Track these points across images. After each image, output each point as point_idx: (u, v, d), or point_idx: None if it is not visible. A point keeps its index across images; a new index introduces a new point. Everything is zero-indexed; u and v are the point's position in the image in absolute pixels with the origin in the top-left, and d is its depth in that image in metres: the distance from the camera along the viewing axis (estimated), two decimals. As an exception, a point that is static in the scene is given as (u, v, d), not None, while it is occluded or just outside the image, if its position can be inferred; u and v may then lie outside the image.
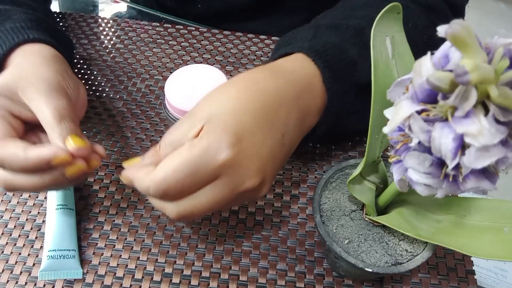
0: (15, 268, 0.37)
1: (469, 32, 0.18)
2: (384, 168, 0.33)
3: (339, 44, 0.36)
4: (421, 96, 0.20)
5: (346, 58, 0.36)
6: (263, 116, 0.30)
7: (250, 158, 0.28)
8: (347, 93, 0.36)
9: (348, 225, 0.33)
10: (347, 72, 0.36)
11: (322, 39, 0.37)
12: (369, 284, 0.37)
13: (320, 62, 0.35)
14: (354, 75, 0.36)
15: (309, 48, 0.35)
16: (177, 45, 0.55)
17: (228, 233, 0.40)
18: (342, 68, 0.35)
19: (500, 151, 0.19)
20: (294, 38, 0.40)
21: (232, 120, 0.28)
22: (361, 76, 0.36)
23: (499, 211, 0.30)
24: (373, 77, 0.28)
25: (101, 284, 0.37)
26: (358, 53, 0.36)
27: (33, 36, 0.37)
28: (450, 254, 0.39)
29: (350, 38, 0.37)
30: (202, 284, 0.37)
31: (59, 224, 0.38)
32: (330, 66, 0.35)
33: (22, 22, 0.38)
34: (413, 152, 0.22)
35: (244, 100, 0.30)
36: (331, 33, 0.37)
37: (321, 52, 0.35)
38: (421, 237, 0.29)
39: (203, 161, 0.27)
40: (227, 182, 0.28)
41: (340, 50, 0.36)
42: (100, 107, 0.48)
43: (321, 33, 0.38)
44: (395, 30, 0.29)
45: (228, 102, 0.30)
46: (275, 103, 0.31)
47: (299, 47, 0.36)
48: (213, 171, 0.27)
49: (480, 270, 0.81)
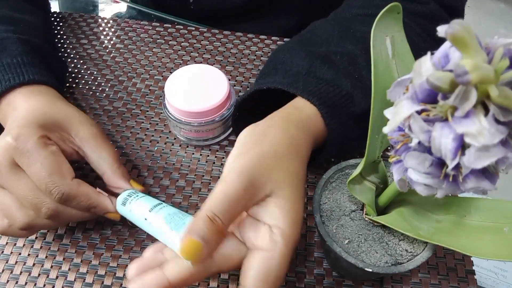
0: (15, 268, 0.37)
1: (469, 32, 0.18)
2: (384, 168, 0.33)
3: (333, 80, 0.37)
4: (421, 96, 0.20)
5: (340, 92, 0.37)
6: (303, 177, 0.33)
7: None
8: (345, 124, 0.37)
9: (348, 225, 0.33)
10: (343, 106, 0.37)
11: (316, 74, 0.38)
12: (369, 284, 0.37)
13: (315, 100, 0.36)
14: (350, 107, 0.37)
15: (303, 90, 0.37)
16: (177, 45, 0.55)
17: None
18: (337, 102, 0.37)
19: (500, 151, 0.19)
20: (288, 62, 0.40)
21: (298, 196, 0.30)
22: (357, 107, 0.37)
23: (499, 211, 0.30)
24: (373, 77, 0.28)
25: (101, 284, 0.37)
26: (352, 85, 0.38)
27: (31, 77, 0.38)
28: (450, 254, 0.39)
29: (343, 70, 0.38)
30: (202, 284, 0.37)
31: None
32: (325, 102, 0.36)
33: (18, 57, 0.39)
34: (413, 152, 0.22)
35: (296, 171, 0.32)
36: (324, 67, 0.38)
37: (315, 92, 0.37)
38: (421, 237, 0.29)
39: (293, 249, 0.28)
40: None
41: (334, 86, 0.37)
42: (100, 107, 0.48)
43: (315, 67, 0.39)
44: (395, 30, 0.29)
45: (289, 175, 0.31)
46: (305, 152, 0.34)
47: (294, 87, 0.37)
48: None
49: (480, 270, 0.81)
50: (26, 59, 0.40)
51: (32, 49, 0.42)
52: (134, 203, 0.34)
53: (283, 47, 0.43)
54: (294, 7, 0.62)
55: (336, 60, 0.39)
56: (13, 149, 0.32)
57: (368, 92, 0.37)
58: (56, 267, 0.37)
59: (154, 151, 0.45)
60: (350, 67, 0.39)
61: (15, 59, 0.39)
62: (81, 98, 0.49)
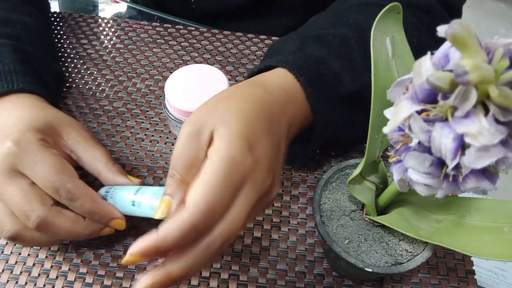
0: (15, 268, 0.37)
1: (469, 32, 0.18)
2: (384, 168, 0.33)
3: (322, 58, 0.37)
4: (421, 96, 0.20)
5: (329, 72, 0.36)
6: (265, 124, 0.31)
7: (262, 160, 0.29)
8: (333, 106, 0.37)
9: (348, 225, 0.33)
10: (331, 86, 0.36)
11: (307, 51, 0.37)
12: (369, 284, 0.37)
13: (302, 78, 0.35)
14: (338, 87, 0.37)
15: (292, 64, 0.36)
16: (177, 45, 0.55)
17: (228, 233, 0.40)
18: (324, 82, 0.36)
19: (500, 151, 0.19)
20: (282, 47, 0.40)
21: (244, 127, 0.29)
22: (345, 88, 0.37)
23: (499, 211, 0.30)
24: (373, 77, 0.28)
25: (101, 284, 0.37)
26: (341, 66, 0.37)
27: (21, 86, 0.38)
28: (450, 254, 0.39)
29: (334, 51, 0.38)
30: (202, 284, 0.37)
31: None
32: (312, 81, 0.36)
33: (10, 64, 0.39)
34: (413, 152, 0.22)
35: (247, 109, 0.31)
36: (315, 45, 0.38)
37: (303, 68, 0.36)
38: (421, 237, 0.29)
39: (234, 170, 0.27)
40: (252, 186, 0.28)
41: (323, 64, 0.36)
42: (100, 107, 0.48)
43: (305, 45, 0.38)
44: (395, 30, 0.29)
45: (233, 111, 0.30)
46: (270, 113, 0.32)
47: (283, 62, 0.36)
48: (243, 178, 0.27)
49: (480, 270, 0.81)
50: (19, 68, 0.39)
51: (26, 58, 0.41)
52: (117, 194, 0.35)
53: (278, 41, 0.43)
54: (294, 7, 0.62)
55: (328, 40, 0.38)
56: (15, 154, 0.32)
57: (357, 76, 0.37)
58: (56, 267, 0.37)
59: (154, 151, 0.45)
60: (341, 48, 0.38)
61: (7, 66, 0.39)
62: (81, 98, 0.49)
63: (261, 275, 0.37)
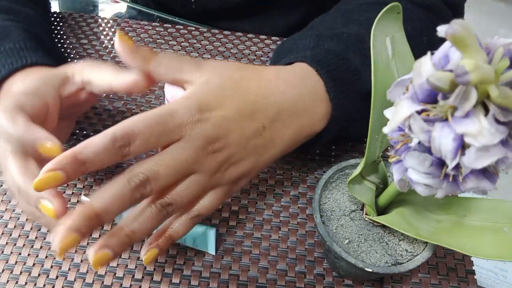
0: (15, 268, 0.37)
1: (469, 32, 0.18)
2: (384, 168, 0.33)
3: (342, 53, 0.36)
4: (421, 96, 0.20)
5: (349, 67, 0.36)
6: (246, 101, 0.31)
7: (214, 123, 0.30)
8: (352, 102, 0.36)
9: (348, 225, 0.33)
10: (351, 81, 0.36)
11: (325, 47, 0.37)
12: (369, 284, 0.37)
13: (323, 72, 0.35)
14: (358, 83, 0.36)
15: (312, 58, 0.35)
16: (177, 45, 0.55)
17: (228, 233, 0.40)
18: (346, 77, 0.36)
19: (500, 151, 0.19)
20: (294, 46, 0.40)
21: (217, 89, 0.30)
22: (365, 85, 0.36)
23: (499, 211, 0.30)
24: (373, 77, 0.28)
25: (101, 284, 0.37)
26: (361, 62, 0.37)
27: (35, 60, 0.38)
28: (450, 254, 0.39)
29: (352, 46, 0.37)
30: (202, 284, 0.37)
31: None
32: (333, 76, 0.35)
33: (21, 42, 0.39)
34: (413, 152, 0.22)
35: (237, 79, 0.32)
36: (332, 42, 0.37)
37: (323, 62, 0.35)
38: (421, 237, 0.29)
39: (169, 118, 0.28)
40: (188, 139, 0.29)
41: (343, 59, 0.36)
42: (100, 107, 0.48)
43: (322, 42, 0.38)
44: (395, 30, 0.29)
45: (220, 75, 0.31)
46: (265, 100, 0.32)
47: (301, 56, 0.36)
48: (178, 128, 0.28)
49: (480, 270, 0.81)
50: (29, 45, 0.39)
51: (35, 37, 0.42)
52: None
53: (286, 40, 0.42)
54: (294, 6, 0.62)
55: (344, 37, 0.38)
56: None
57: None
58: (56, 267, 0.37)
59: (154, 150, 0.45)
60: (358, 44, 0.37)
61: (18, 44, 0.39)
62: (81, 98, 0.49)
63: (261, 275, 0.37)
